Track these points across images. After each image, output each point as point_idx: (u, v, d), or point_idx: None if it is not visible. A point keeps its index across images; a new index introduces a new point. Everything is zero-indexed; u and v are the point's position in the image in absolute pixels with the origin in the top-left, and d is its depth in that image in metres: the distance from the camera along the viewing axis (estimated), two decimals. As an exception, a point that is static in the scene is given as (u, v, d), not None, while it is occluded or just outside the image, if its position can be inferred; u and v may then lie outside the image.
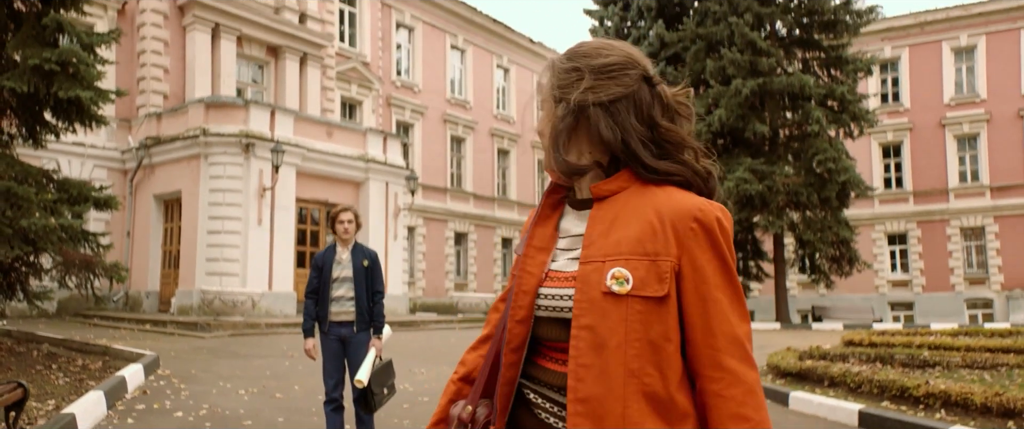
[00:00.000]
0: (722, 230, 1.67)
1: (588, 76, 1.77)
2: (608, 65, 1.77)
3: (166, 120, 24.61)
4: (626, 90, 1.76)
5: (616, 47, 1.83)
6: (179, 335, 18.33)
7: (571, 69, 1.81)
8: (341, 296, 6.93)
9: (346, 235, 7.03)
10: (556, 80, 1.83)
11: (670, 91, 1.82)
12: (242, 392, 10.42)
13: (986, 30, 38.56)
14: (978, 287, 38.26)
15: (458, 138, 39.06)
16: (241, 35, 27.75)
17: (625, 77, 1.76)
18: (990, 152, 38.40)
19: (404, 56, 37.03)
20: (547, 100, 1.86)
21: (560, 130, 1.79)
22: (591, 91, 1.75)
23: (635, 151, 1.74)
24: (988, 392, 8.42)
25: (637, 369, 1.60)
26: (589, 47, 1.84)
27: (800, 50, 29.84)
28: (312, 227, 25.57)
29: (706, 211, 1.68)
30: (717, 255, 1.66)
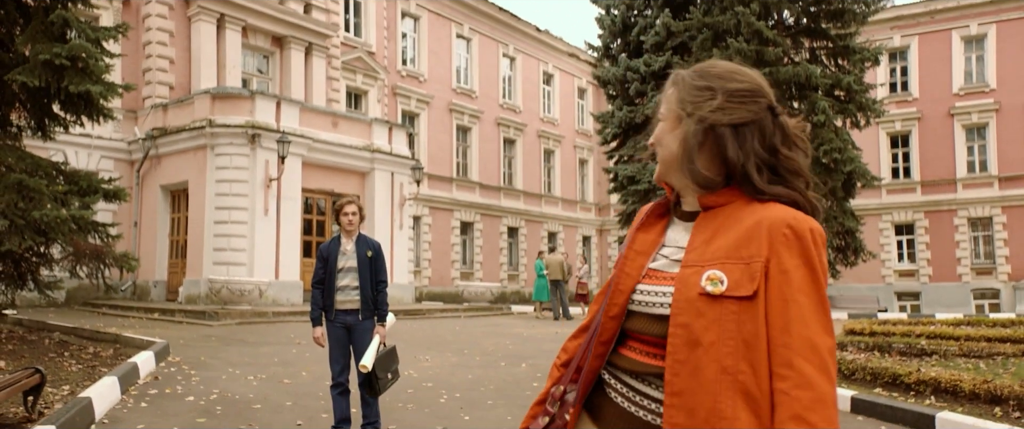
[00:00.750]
0: (814, 240, 1.74)
1: (721, 97, 1.85)
2: (740, 90, 1.86)
3: (172, 111, 24.72)
4: (753, 116, 1.85)
5: (748, 75, 1.91)
6: (188, 323, 18.47)
7: (704, 88, 1.88)
8: (346, 285, 7.15)
9: (350, 227, 7.21)
10: (686, 95, 1.91)
11: (792, 122, 1.91)
12: (251, 378, 10.55)
13: (997, 19, 38.39)
14: (985, 277, 38.24)
15: (464, 127, 39.13)
16: (246, 25, 27.83)
17: (755, 104, 1.86)
18: (999, 142, 38.28)
19: (410, 45, 37.08)
20: (673, 113, 1.93)
21: (693, 145, 1.86)
22: (723, 112, 1.84)
23: (750, 173, 1.82)
24: (977, 379, 8.60)
25: (730, 366, 1.67)
26: (723, 69, 1.91)
27: (807, 39, 29.77)
28: (318, 217, 25.68)
29: (800, 220, 1.76)
30: (805, 261, 1.72)
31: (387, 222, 26.96)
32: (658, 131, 1.97)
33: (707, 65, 1.95)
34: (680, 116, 1.91)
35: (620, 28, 32.95)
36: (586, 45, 35.84)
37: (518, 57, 42.79)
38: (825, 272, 1.75)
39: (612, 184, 34.72)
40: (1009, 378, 9.05)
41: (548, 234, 43.87)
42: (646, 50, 31.73)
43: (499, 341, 17.02)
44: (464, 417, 8.55)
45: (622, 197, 33.44)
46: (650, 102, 31.32)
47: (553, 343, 16.84)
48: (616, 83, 32.84)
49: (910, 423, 8.19)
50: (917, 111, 39.75)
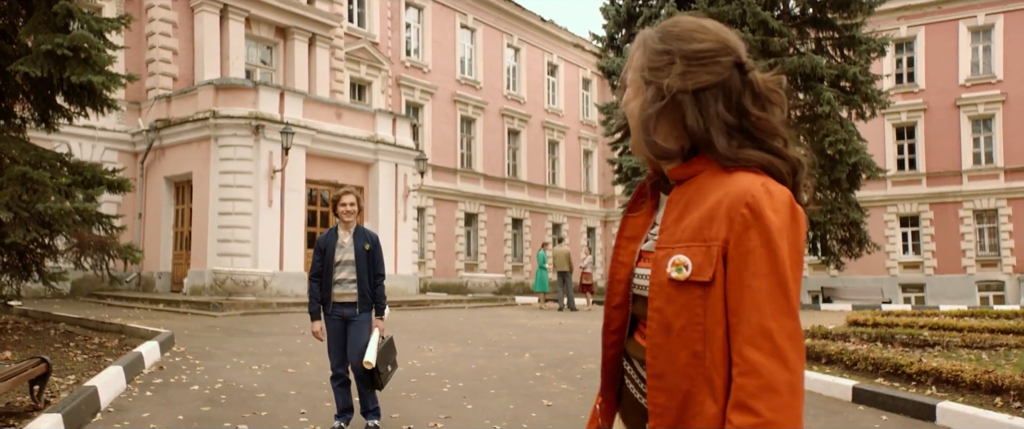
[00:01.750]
0: (777, 214, 1.63)
1: (680, 62, 1.76)
2: (701, 52, 1.76)
3: (176, 102, 24.73)
4: (716, 78, 1.75)
5: (711, 31, 1.81)
6: (192, 314, 18.52)
7: (663, 52, 1.79)
8: (343, 278, 7.16)
9: (348, 218, 7.22)
10: (647, 61, 1.82)
11: (762, 78, 1.81)
12: (255, 368, 10.59)
13: (1004, 9, 38.20)
14: (990, 269, 38.19)
15: (468, 118, 39.12)
16: (249, 16, 27.81)
17: (716, 65, 1.76)
18: (1005, 134, 38.15)
19: (413, 36, 37.05)
20: (636, 79, 1.84)
21: (649, 115, 1.78)
22: (681, 78, 1.74)
23: (713, 140, 1.73)
24: (978, 370, 8.63)
25: (700, 351, 1.65)
26: (683, 28, 1.81)
27: (813, 30, 29.71)
28: (322, 208, 25.70)
29: (761, 194, 1.65)
30: (764, 241, 1.62)
31: (391, 213, 26.99)
32: (624, 97, 1.91)
33: (669, 23, 1.85)
34: (640, 84, 1.83)
35: (625, 18, 32.94)
36: (591, 35, 35.85)
37: (522, 48, 42.74)
38: (793, 246, 1.64)
39: (616, 175, 34.77)
40: (1011, 368, 9.07)
41: (552, 225, 43.89)
42: (651, 41, 31.65)
43: (503, 332, 17.04)
44: (467, 406, 8.57)
45: (626, 188, 33.51)
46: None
47: (556, 334, 16.87)
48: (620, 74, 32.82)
49: (911, 413, 8.22)
50: (923, 102, 39.64)
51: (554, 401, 8.99)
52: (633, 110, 1.84)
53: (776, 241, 1.62)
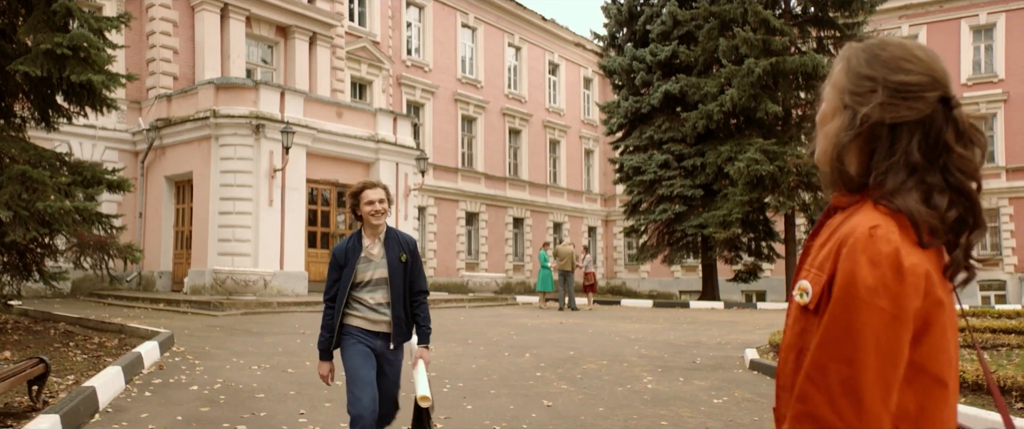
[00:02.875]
0: (870, 264, 1.55)
1: (882, 91, 1.69)
2: (906, 84, 1.69)
3: (176, 102, 24.71)
4: (917, 115, 1.68)
5: (921, 61, 1.72)
6: (193, 314, 18.50)
7: (867, 77, 1.72)
8: (376, 303, 5.36)
9: (376, 221, 5.37)
10: (849, 83, 1.75)
11: (966, 116, 1.71)
12: (255, 368, 10.56)
13: (1006, 8, 38.08)
14: (991, 269, 38.08)
15: (469, 118, 39.09)
16: (250, 15, 27.77)
17: (920, 100, 1.68)
18: (1007, 133, 38.09)
19: (414, 35, 37.02)
20: (834, 98, 1.78)
21: (843, 142, 1.73)
22: (880, 108, 1.68)
23: (885, 178, 1.67)
24: (981, 370, 8.52)
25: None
26: (891, 54, 1.73)
27: (814, 29, 29.69)
28: (322, 208, 25.70)
29: (858, 238, 1.59)
30: (846, 280, 1.57)
31: (392, 213, 26.91)
32: (821, 112, 1.84)
33: (878, 45, 1.78)
34: (838, 105, 1.77)
35: (626, 17, 32.94)
36: (592, 34, 35.86)
37: (524, 47, 42.71)
38: (869, 289, 1.54)
39: (617, 175, 34.79)
40: (1013, 369, 9.03)
41: (553, 225, 43.89)
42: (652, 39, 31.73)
43: (503, 331, 17.02)
44: (467, 407, 8.54)
45: (627, 188, 33.48)
46: (656, 92, 31.28)
47: (557, 333, 16.85)
48: (622, 73, 32.83)
49: (913, 413, 8.16)
50: (924, 101, 39.43)
51: (554, 401, 8.96)
52: (829, 132, 1.78)
53: (853, 281, 1.56)
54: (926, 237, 1.62)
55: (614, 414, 8.39)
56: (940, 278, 1.63)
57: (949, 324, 1.64)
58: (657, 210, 31.62)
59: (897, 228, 1.60)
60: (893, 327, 1.54)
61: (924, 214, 1.62)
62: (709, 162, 29.56)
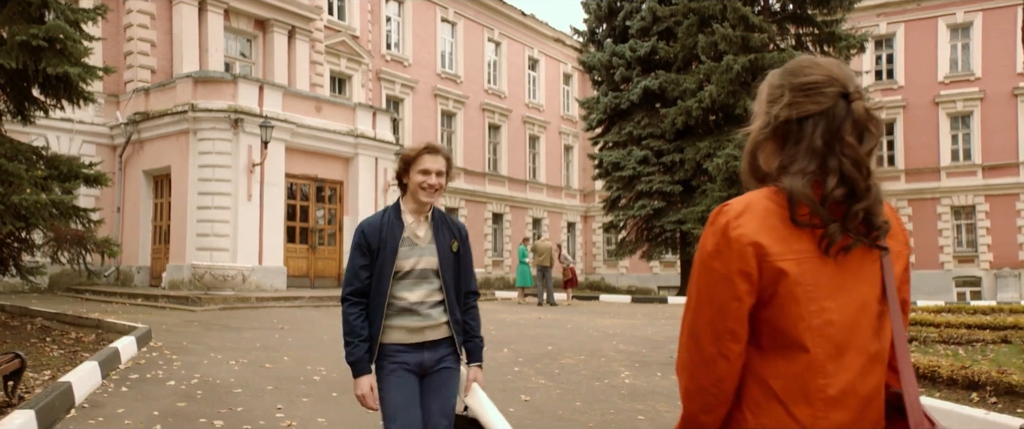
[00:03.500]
0: (706, 236, 1.93)
1: (788, 93, 1.95)
2: (807, 83, 1.94)
3: (154, 95, 24.58)
4: (819, 108, 1.91)
5: (821, 66, 1.97)
6: (170, 309, 18.42)
7: (776, 86, 2.00)
8: (419, 301, 4.00)
9: (427, 198, 4.05)
10: (765, 96, 2.03)
11: (862, 108, 1.93)
12: (232, 363, 10.53)
13: (982, 7, 38.39)
14: (967, 265, 38.50)
15: (449, 113, 39.05)
16: (228, 8, 27.61)
17: (821, 95, 1.92)
18: (983, 131, 38.45)
19: (394, 29, 36.93)
20: (758, 112, 2.04)
21: (757, 140, 2.00)
22: (788, 107, 1.94)
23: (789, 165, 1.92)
24: (955, 365, 8.66)
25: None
26: (797, 64, 2.01)
27: (793, 26, 29.85)
28: (301, 202, 25.60)
29: (715, 209, 1.96)
30: (699, 246, 1.96)
31: (371, 208, 26.88)
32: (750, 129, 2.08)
33: (790, 62, 2.05)
34: (759, 115, 2.03)
35: (606, 13, 32.98)
36: (572, 30, 35.91)
37: (503, 42, 42.67)
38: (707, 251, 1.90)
39: (597, 170, 34.84)
40: (987, 364, 9.11)
41: (533, 220, 43.89)
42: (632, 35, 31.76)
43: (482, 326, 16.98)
44: (445, 402, 8.52)
45: (607, 183, 33.57)
46: (635, 87, 31.34)
47: (536, 329, 16.86)
48: (601, 68, 32.88)
49: (887, 408, 8.21)
50: (902, 99, 39.86)
51: (532, 396, 8.98)
52: (750, 134, 2.04)
53: (698, 252, 1.94)
54: (800, 215, 1.85)
55: (591, 408, 8.42)
56: (792, 251, 1.84)
57: (802, 294, 1.84)
58: (636, 206, 31.71)
59: (774, 205, 1.88)
60: (722, 284, 1.87)
61: (801, 194, 1.84)
62: (688, 158, 29.67)
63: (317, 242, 25.95)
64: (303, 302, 20.80)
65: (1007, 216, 37.78)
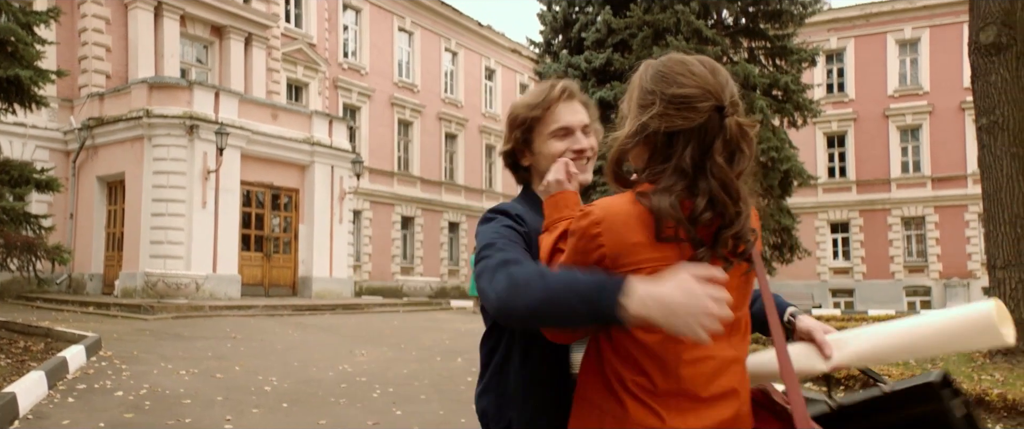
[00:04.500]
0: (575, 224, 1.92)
1: (659, 103, 1.89)
2: (679, 96, 1.87)
3: (109, 101, 24.37)
4: (689, 124, 1.86)
5: (696, 75, 1.90)
6: (122, 317, 18.27)
7: (649, 91, 1.93)
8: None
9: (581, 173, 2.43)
10: (637, 98, 1.97)
11: (735, 125, 1.88)
12: (183, 372, 10.49)
13: (930, 23, 39.27)
14: (917, 275, 39.14)
15: (405, 122, 39.02)
16: (184, 14, 27.45)
17: (693, 111, 1.86)
18: (932, 143, 39.24)
19: (351, 38, 36.88)
20: (627, 110, 2.02)
21: (626, 147, 1.96)
22: (658, 119, 1.88)
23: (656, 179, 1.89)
24: (906, 374, 8.76)
25: None
26: (670, 70, 1.93)
27: (746, 39, 30.12)
28: (257, 210, 25.49)
29: (590, 207, 1.92)
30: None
31: (327, 216, 26.84)
32: (621, 127, 2.03)
33: (663, 63, 1.97)
34: (628, 116, 1.99)
35: (561, 24, 33.10)
36: (528, 41, 35.94)
37: (460, 52, 42.76)
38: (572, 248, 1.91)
39: (553, 180, 34.84)
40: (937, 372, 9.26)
41: (489, 229, 43.85)
42: (587, 47, 31.89)
43: (437, 336, 17.06)
44: (396, 412, 8.58)
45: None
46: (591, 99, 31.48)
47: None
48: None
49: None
50: (853, 112, 40.54)
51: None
52: (618, 137, 1.99)
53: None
54: (666, 232, 1.82)
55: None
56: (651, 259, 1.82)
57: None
58: (592, 216, 31.79)
59: (637, 212, 1.84)
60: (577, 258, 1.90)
61: (668, 213, 1.80)
62: (641, 170, 29.84)
63: (272, 250, 25.85)
64: (257, 311, 20.71)
65: (956, 227, 38.49)
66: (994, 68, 11.26)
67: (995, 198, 11.15)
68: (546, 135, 2.44)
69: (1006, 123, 11.12)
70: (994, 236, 11.14)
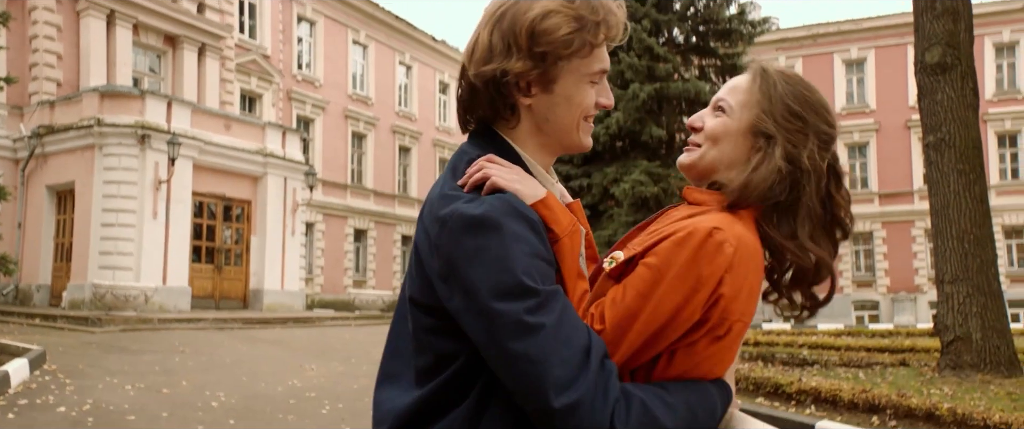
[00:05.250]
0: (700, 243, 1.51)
1: (813, 139, 1.67)
2: (830, 136, 1.71)
3: (60, 108, 24.11)
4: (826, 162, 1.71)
5: (833, 113, 1.75)
6: (69, 330, 18.08)
7: (797, 117, 1.68)
8: None
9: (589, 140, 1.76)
10: (778, 114, 1.69)
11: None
12: (128, 388, 10.43)
13: (875, 44, 40.32)
14: (866, 289, 39.81)
15: (359, 134, 38.97)
16: (137, 23, 27.23)
17: (830, 153, 1.73)
18: (879, 160, 40.13)
19: (305, 50, 36.80)
20: (747, 117, 1.71)
21: (773, 181, 1.63)
22: (811, 154, 1.66)
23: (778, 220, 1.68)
24: (856, 388, 8.86)
25: None
26: (818, 100, 1.73)
27: (697, 57, 30.50)
28: (208, 221, 25.33)
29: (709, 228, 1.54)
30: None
31: (279, 228, 26.73)
32: (720, 127, 1.73)
33: (802, 85, 1.74)
34: (759, 131, 1.69)
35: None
36: (484, 56, 36.07)
37: (414, 65, 42.81)
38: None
39: (506, 193, 34.93)
40: (886, 387, 9.41)
41: (443, 242, 43.83)
42: (541, 62, 32.02)
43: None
44: (344, 428, 8.59)
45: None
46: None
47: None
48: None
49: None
50: (802, 129, 41.16)
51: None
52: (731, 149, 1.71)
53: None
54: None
55: None
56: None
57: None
58: (545, 229, 31.90)
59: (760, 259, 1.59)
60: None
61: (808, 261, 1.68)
62: (595, 183, 30.02)
63: (223, 262, 25.68)
64: (206, 324, 20.58)
65: (903, 242, 39.26)
66: (940, 87, 11.55)
67: (943, 214, 11.40)
68: (584, 74, 1.66)
69: (952, 140, 11.40)
70: (942, 251, 11.38)
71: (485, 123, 1.71)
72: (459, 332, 1.50)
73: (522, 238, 1.46)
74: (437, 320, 1.55)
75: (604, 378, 1.39)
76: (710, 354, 1.54)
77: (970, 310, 10.93)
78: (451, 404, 1.55)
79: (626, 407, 1.39)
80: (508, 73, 1.59)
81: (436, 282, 1.52)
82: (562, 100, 1.65)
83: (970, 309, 10.93)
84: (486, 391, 1.52)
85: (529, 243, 1.47)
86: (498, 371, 1.45)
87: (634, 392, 1.43)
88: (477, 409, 1.52)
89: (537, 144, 1.70)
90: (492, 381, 1.50)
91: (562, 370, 1.37)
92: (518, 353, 1.39)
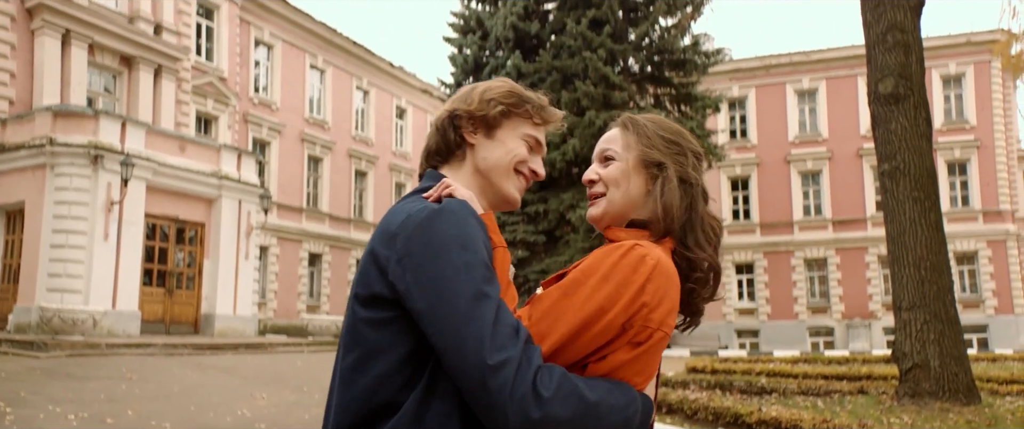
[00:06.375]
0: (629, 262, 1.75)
1: (690, 156, 1.95)
2: (697, 153, 1.98)
3: (11, 127, 23.78)
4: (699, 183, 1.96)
5: (685, 130, 2.02)
6: (13, 355, 17.72)
7: (673, 143, 1.95)
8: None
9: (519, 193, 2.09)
10: (659, 145, 1.94)
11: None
12: (72, 417, 10.23)
13: (826, 75, 41.18)
14: (820, 316, 40.23)
15: (316, 158, 38.84)
16: (93, 43, 26.96)
17: (699, 171, 1.98)
18: (832, 187, 40.73)
19: (263, 73, 36.67)
20: (634, 158, 1.95)
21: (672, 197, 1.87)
22: (694, 170, 1.95)
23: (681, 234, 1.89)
24: (817, 418, 8.86)
25: None
26: (676, 129, 2.00)
27: (652, 86, 30.86)
28: (161, 244, 25.04)
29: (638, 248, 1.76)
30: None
31: (232, 251, 26.50)
32: (615, 170, 1.95)
33: (663, 119, 2.01)
34: (650, 161, 1.92)
35: (472, 67, 33.38)
36: (439, 82, 36.18)
37: (371, 90, 42.84)
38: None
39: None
40: (846, 416, 9.46)
41: (398, 267, 43.70)
42: (498, 89, 32.20)
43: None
44: (292, 458, 8.51)
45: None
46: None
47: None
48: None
49: (754, 462, 8.42)
50: (756, 157, 41.77)
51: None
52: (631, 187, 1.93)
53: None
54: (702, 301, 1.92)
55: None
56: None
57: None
58: (500, 255, 31.93)
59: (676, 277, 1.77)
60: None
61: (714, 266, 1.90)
62: (552, 209, 30.16)
63: (175, 285, 25.39)
64: (156, 350, 20.30)
65: (856, 268, 39.79)
66: (894, 116, 11.75)
67: (899, 241, 11.56)
68: (521, 132, 2.01)
69: (907, 168, 11.58)
70: (899, 278, 11.52)
71: (434, 168, 2.02)
72: (393, 326, 1.69)
73: (477, 228, 1.73)
74: (375, 311, 1.72)
75: (529, 352, 1.58)
76: (631, 360, 1.69)
77: (928, 337, 11.05)
78: (394, 404, 1.70)
79: (549, 374, 1.57)
80: (460, 114, 1.98)
81: (391, 266, 1.69)
82: (499, 144, 1.98)
83: (928, 336, 11.06)
84: (427, 389, 1.67)
85: (482, 234, 1.73)
86: (441, 329, 1.60)
87: (556, 367, 1.61)
88: (421, 405, 1.66)
89: (477, 188, 1.96)
90: (432, 379, 1.66)
91: (499, 336, 1.57)
92: (472, 313, 1.58)
